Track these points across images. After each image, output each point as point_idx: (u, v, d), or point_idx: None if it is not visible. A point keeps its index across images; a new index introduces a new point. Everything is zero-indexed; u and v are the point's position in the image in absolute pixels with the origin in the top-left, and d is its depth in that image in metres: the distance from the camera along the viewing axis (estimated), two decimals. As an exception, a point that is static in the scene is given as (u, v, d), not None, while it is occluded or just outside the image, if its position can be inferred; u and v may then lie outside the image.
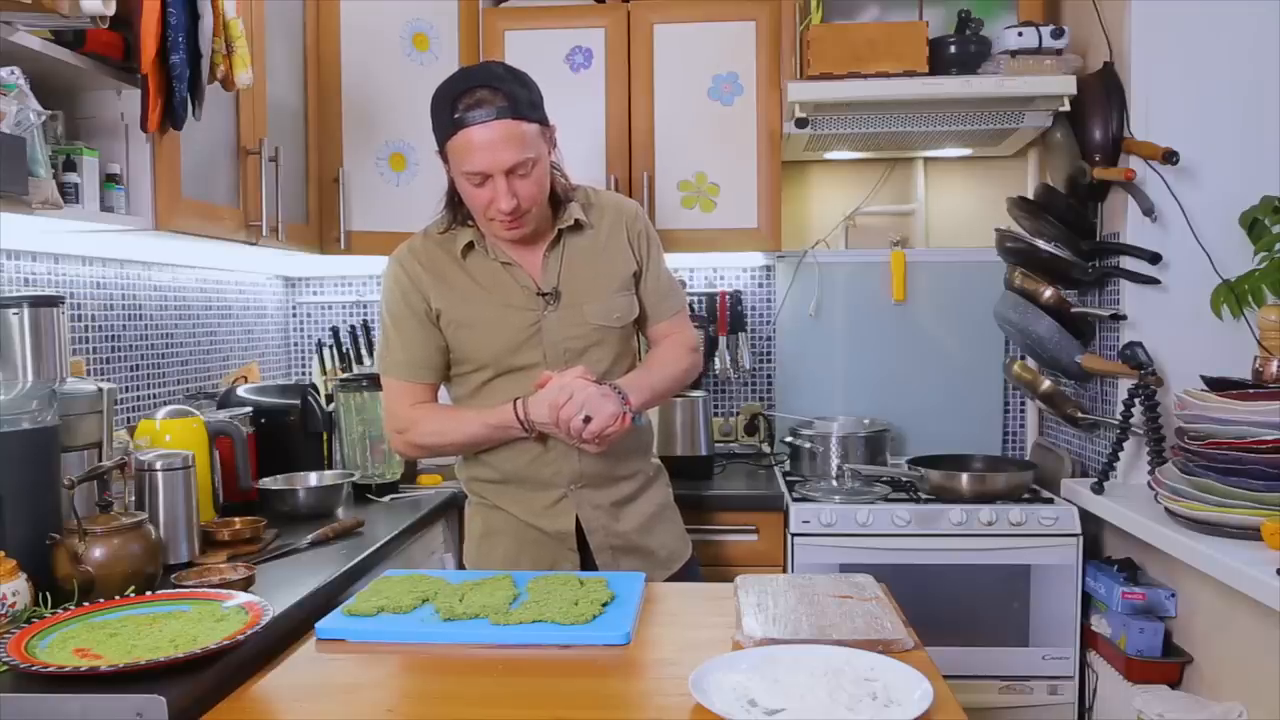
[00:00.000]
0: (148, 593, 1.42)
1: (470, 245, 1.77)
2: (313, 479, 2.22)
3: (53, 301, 1.60)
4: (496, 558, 1.84)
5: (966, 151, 2.92)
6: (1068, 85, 2.36)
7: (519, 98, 1.62)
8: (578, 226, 1.80)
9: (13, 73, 1.47)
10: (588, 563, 1.82)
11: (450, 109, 1.62)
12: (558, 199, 1.79)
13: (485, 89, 1.61)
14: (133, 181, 1.79)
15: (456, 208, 1.78)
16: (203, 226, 1.96)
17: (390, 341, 1.80)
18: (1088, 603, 2.32)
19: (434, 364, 1.79)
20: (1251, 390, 1.84)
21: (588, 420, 1.62)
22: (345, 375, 2.75)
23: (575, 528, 1.81)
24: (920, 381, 2.94)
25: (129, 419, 2.23)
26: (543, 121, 1.68)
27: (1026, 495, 2.44)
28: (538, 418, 1.68)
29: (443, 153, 1.69)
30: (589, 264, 1.80)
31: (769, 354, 3.06)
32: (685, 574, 1.90)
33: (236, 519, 1.90)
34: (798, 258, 2.96)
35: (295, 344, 3.18)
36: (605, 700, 1.16)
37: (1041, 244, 2.43)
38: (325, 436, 2.41)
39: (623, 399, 1.69)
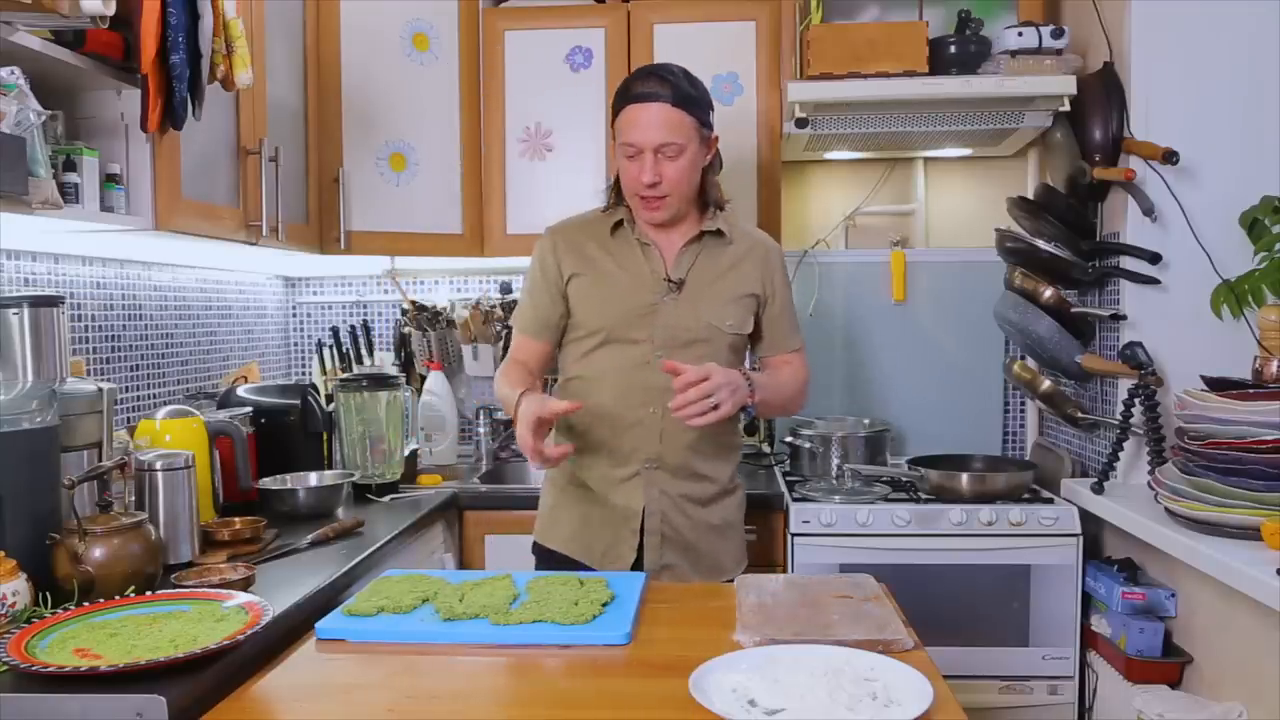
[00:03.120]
0: (148, 593, 1.42)
1: (620, 224, 1.90)
2: (313, 479, 2.22)
3: (53, 301, 1.60)
4: (561, 534, 1.94)
5: (966, 151, 2.92)
6: (1068, 85, 2.36)
7: (683, 91, 1.80)
8: (719, 234, 1.90)
9: (13, 73, 1.47)
10: (641, 549, 1.87)
11: (625, 89, 1.82)
12: (707, 205, 1.92)
13: (655, 78, 1.80)
14: (133, 181, 1.79)
15: (618, 189, 1.91)
16: (203, 226, 1.96)
17: (523, 300, 1.97)
18: (1088, 603, 2.32)
19: (550, 325, 1.93)
20: (1251, 390, 1.83)
21: (715, 407, 1.69)
22: (345, 375, 2.75)
23: (642, 509, 1.87)
24: (920, 381, 2.94)
25: (129, 419, 2.23)
26: (703, 121, 1.83)
27: (1026, 495, 2.43)
28: (522, 426, 1.72)
29: (613, 129, 1.86)
30: (719, 269, 1.90)
31: (769, 354, 3.05)
32: None
33: (236, 519, 1.90)
34: (798, 258, 2.96)
35: (295, 344, 3.18)
36: (605, 700, 1.16)
37: (1041, 244, 2.43)
38: (325, 436, 2.41)
39: (750, 389, 1.78)
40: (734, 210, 1.99)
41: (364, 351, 3.01)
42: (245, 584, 1.53)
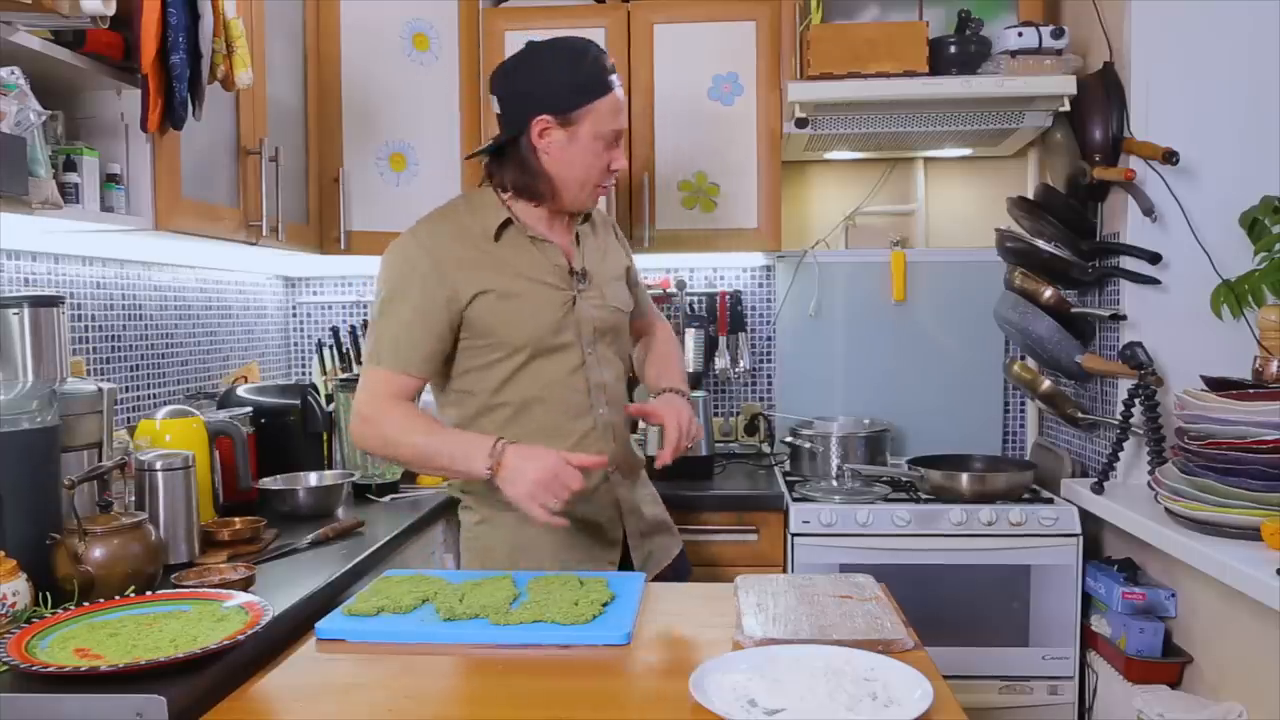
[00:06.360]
0: (148, 593, 1.42)
1: (507, 223, 1.74)
2: (313, 479, 2.22)
3: (53, 301, 1.60)
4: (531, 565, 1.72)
5: (966, 151, 2.92)
6: (1068, 85, 2.36)
7: None
8: (585, 218, 1.88)
9: (13, 73, 1.47)
10: (623, 556, 1.82)
11: (601, 69, 1.70)
12: None
13: (606, 56, 1.74)
14: (133, 181, 1.79)
15: (535, 177, 1.71)
16: (203, 226, 1.96)
17: (388, 326, 1.68)
18: (1088, 603, 2.32)
19: (431, 358, 1.69)
20: (1251, 390, 1.84)
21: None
22: (345, 375, 2.75)
23: (619, 516, 1.82)
24: (920, 381, 2.94)
25: (129, 419, 2.23)
26: None
27: (1026, 495, 2.44)
28: (513, 484, 1.56)
29: (570, 115, 1.67)
30: (600, 251, 1.88)
31: (769, 354, 3.06)
32: (680, 559, 1.94)
33: (236, 519, 1.89)
34: (798, 258, 2.96)
35: (295, 344, 3.18)
36: (605, 700, 1.16)
37: (1041, 244, 2.43)
38: (325, 436, 2.41)
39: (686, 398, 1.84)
40: None
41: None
42: (245, 584, 1.53)
